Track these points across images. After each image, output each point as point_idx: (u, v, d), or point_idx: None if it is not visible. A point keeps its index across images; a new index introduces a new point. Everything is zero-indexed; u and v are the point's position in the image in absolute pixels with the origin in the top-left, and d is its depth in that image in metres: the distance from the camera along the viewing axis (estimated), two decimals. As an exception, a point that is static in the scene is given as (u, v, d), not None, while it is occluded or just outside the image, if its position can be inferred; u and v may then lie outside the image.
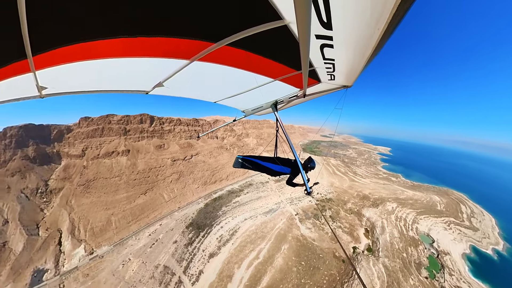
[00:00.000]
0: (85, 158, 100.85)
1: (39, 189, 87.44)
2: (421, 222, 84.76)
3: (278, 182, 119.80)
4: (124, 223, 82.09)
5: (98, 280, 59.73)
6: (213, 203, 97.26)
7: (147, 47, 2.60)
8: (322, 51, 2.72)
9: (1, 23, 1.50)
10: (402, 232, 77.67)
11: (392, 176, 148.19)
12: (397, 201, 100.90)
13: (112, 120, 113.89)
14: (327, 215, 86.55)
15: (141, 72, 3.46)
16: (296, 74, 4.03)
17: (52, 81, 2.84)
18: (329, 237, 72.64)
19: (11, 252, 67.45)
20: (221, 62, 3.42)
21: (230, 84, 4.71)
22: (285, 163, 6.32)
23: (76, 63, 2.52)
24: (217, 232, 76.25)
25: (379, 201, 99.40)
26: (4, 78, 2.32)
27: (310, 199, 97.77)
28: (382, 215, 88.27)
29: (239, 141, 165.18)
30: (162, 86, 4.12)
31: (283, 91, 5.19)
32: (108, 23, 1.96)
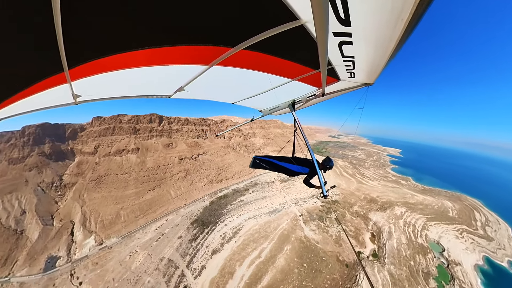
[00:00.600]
0: (97, 155, 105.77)
1: (54, 183, 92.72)
2: (431, 229, 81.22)
3: (284, 182, 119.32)
4: (132, 217, 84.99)
5: (106, 269, 62.67)
6: (218, 201, 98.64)
7: (169, 56, 2.78)
8: (340, 49, 2.67)
9: (42, 44, 1.78)
10: (410, 238, 74.81)
11: (401, 179, 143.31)
12: (406, 205, 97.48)
13: (122, 119, 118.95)
14: (332, 217, 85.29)
15: (164, 78, 3.71)
16: (314, 73, 3.98)
17: (85, 90, 3.21)
18: (333, 240, 71.49)
19: (27, 239, 71.91)
20: (239, 65, 3.49)
21: (248, 86, 4.81)
22: (303, 163, 6.20)
23: (106, 73, 2.84)
24: (221, 229, 77.25)
25: (387, 205, 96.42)
26: (45, 89, 2.70)
27: (315, 201, 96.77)
28: (390, 219, 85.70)
29: (245, 141, 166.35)
30: (183, 90, 4.39)
31: (301, 90, 5.15)
32: (134, 37, 2.20)
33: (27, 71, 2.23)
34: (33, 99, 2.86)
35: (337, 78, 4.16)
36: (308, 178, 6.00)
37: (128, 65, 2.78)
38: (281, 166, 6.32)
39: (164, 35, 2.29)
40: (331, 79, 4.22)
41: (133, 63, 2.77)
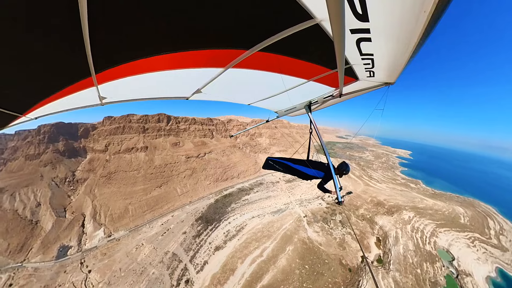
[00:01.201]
0: (107, 153, 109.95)
1: (67, 178, 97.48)
2: (441, 235, 77.95)
3: (289, 182, 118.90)
4: (139, 212, 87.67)
5: (113, 259, 65.42)
6: (223, 199, 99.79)
7: (187, 60, 2.90)
8: (358, 46, 2.56)
9: (73, 53, 2.02)
10: (418, 245, 72.02)
11: (411, 182, 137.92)
12: (415, 210, 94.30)
13: (132, 119, 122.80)
14: (336, 220, 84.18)
15: (183, 81, 3.84)
16: (331, 73, 3.85)
17: (110, 92, 3.49)
18: (336, 243, 70.38)
19: (41, 229, 76.07)
20: (254, 67, 3.51)
21: (263, 87, 4.83)
22: (317, 166, 5.98)
23: (129, 77, 3.06)
24: (225, 227, 78.20)
25: (395, 208, 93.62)
26: (75, 92, 2.99)
27: (320, 202, 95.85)
28: (397, 224, 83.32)
29: (252, 141, 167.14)
30: (200, 92, 4.53)
31: (318, 91, 5.03)
32: (153, 44, 2.35)
33: (60, 76, 2.54)
34: (64, 100, 3.19)
35: (355, 78, 3.98)
36: (322, 183, 5.78)
37: (148, 69, 2.98)
38: (295, 168, 6.10)
39: (182, 40, 2.41)
40: (349, 79, 4.06)
41: (153, 68, 2.96)
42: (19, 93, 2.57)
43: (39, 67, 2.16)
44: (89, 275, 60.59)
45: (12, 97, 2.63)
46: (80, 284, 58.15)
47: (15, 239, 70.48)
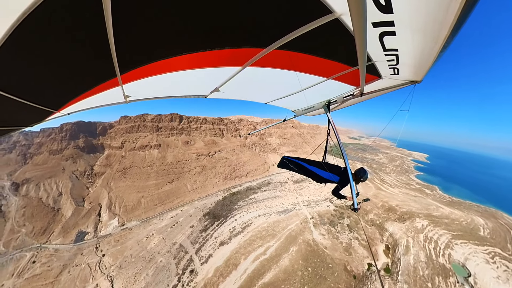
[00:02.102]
0: (123, 150, 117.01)
1: (86, 172, 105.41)
2: (456, 248, 72.27)
3: (297, 183, 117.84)
4: (151, 205, 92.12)
5: (125, 246, 69.99)
6: (231, 197, 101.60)
7: (206, 60, 2.97)
8: (381, 41, 2.41)
9: (100, 57, 2.22)
10: (430, 256, 66.92)
11: (426, 187, 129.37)
12: (429, 218, 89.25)
13: (146, 118, 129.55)
14: (344, 224, 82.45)
15: (201, 80, 3.94)
16: (352, 71, 3.64)
17: (134, 91, 3.72)
18: (342, 248, 68.54)
19: (62, 216, 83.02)
20: (271, 65, 3.46)
21: (281, 86, 4.74)
22: (333, 170, 5.74)
23: (151, 77, 3.23)
24: (231, 223, 79.67)
25: (407, 215, 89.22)
26: (102, 91, 3.26)
27: (328, 204, 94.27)
28: (409, 232, 79.59)
29: (261, 140, 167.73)
30: (218, 91, 4.58)
31: (337, 90, 4.82)
32: (173, 46, 2.47)
33: (89, 78, 2.80)
34: (93, 98, 3.48)
35: (378, 76, 3.76)
36: (338, 188, 5.44)
37: (169, 69, 3.11)
38: (310, 170, 5.89)
39: (200, 41, 2.49)
40: (371, 77, 3.85)
41: (173, 68, 3.10)
42: (55, 92, 2.91)
43: (72, 70, 2.47)
44: (103, 258, 65.69)
45: (49, 96, 2.95)
46: (94, 265, 63.19)
47: (39, 223, 77.88)
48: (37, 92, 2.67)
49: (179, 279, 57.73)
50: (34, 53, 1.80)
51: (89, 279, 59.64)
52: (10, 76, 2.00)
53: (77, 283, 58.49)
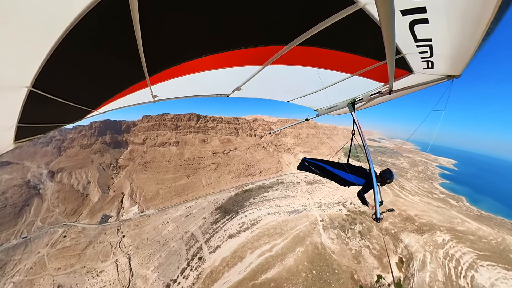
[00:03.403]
0: (145, 146, 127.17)
1: (112, 164, 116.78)
2: (482, 270, 62.57)
3: (310, 184, 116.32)
4: (168, 196, 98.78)
5: (143, 230, 76.94)
6: (243, 194, 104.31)
7: (227, 60, 3.04)
8: (412, 31, 2.19)
9: (131, 62, 2.51)
10: (449, 276, 59.82)
11: (452, 198, 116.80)
12: (452, 232, 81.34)
13: (166, 117, 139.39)
14: (356, 230, 79.87)
15: (223, 79, 4.02)
16: (379, 66, 3.37)
17: (161, 91, 3.91)
18: (351, 255, 65.97)
19: (90, 201, 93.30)
20: (293, 63, 3.39)
21: (303, 83, 4.61)
22: (357, 172, 5.51)
23: (176, 78, 3.42)
24: (241, 219, 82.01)
25: (427, 227, 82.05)
26: (133, 92, 3.55)
27: (340, 208, 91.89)
28: (427, 246, 73.59)
29: (276, 140, 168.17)
30: (240, 90, 4.66)
31: (363, 87, 4.50)
32: (196, 49, 2.64)
33: (121, 80, 3.06)
34: (125, 98, 3.76)
35: (409, 70, 3.41)
36: (362, 192, 5.23)
37: (193, 70, 3.26)
38: (332, 172, 5.64)
39: (221, 42, 2.56)
40: (401, 72, 3.51)
41: (196, 69, 3.23)
42: (93, 94, 3.23)
43: (107, 75, 2.77)
44: (123, 239, 73.25)
45: (88, 98, 3.27)
46: (115, 244, 71.01)
47: (70, 205, 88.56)
48: (78, 95, 3.01)
49: (188, 263, 62.17)
50: (76, 62, 2.14)
51: (110, 254, 67.22)
52: (57, 82, 2.35)
53: (100, 257, 66.33)
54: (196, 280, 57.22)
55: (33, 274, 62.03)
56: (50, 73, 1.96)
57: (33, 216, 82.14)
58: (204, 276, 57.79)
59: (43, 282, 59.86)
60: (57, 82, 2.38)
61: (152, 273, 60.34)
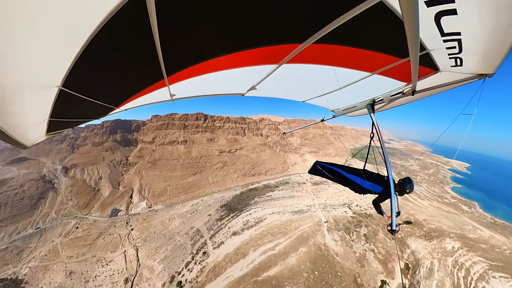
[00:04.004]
0: (154, 144, 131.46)
1: (122, 161, 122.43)
2: (494, 282, 58.51)
3: (316, 185, 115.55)
4: (175, 193, 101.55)
5: (150, 224, 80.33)
6: (248, 192, 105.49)
7: (242, 59, 3.12)
8: (438, 24, 1.96)
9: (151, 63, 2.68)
10: (458, 286, 57.06)
11: (464, 203, 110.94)
12: (463, 240, 77.63)
13: (174, 117, 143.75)
14: (361, 233, 78.78)
15: (239, 79, 4.07)
16: (402, 64, 3.14)
17: (178, 91, 4.09)
18: (355, 258, 64.83)
19: (101, 195, 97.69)
20: (309, 61, 3.32)
21: (319, 83, 4.47)
22: (375, 179, 5.14)
23: (193, 78, 3.59)
24: (245, 217, 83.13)
25: (436, 233, 78.67)
26: (152, 91, 3.75)
27: (345, 210, 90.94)
28: (435, 253, 70.06)
29: (282, 140, 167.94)
30: (255, 89, 4.65)
31: (384, 87, 4.25)
32: (212, 49, 2.76)
33: (142, 80, 3.27)
34: (145, 97, 3.95)
35: (435, 68, 3.17)
36: (379, 200, 4.86)
37: (209, 70, 3.34)
38: (347, 178, 5.31)
39: (236, 42, 2.64)
40: (425, 70, 3.26)
41: (212, 68, 3.30)
42: (115, 93, 3.44)
43: (129, 76, 2.99)
44: (131, 232, 76.76)
45: (111, 96, 3.47)
46: (124, 236, 74.74)
47: (82, 199, 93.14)
48: (102, 93, 3.21)
49: (193, 257, 64.48)
50: (100, 64, 2.33)
51: (119, 245, 70.85)
52: (84, 82, 2.54)
53: (109, 247, 70.01)
54: (200, 273, 58.99)
55: (47, 260, 66.40)
56: (77, 74, 2.18)
57: (48, 208, 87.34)
58: (208, 270, 59.47)
59: (56, 268, 63.90)
60: (84, 82, 2.60)
61: (158, 265, 62.89)
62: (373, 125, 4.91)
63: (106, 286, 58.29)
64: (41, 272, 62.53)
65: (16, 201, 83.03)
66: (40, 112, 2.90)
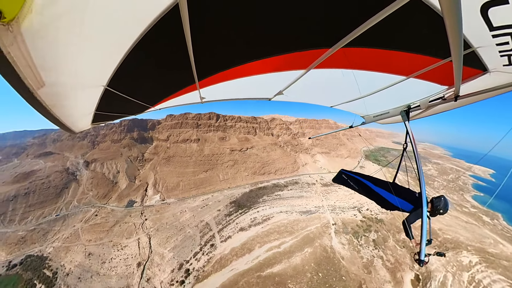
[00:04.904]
0: (168, 142, 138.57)
1: (138, 157, 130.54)
2: None
3: (325, 186, 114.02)
4: (187, 188, 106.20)
5: (163, 216, 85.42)
6: (257, 190, 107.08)
7: (270, 65, 3.24)
8: (485, 16, 1.71)
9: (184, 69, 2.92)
10: None
11: (485, 214, 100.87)
12: (482, 254, 70.69)
13: (188, 116, 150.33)
14: (370, 238, 76.62)
15: (266, 84, 4.24)
16: (443, 65, 2.72)
17: (208, 94, 4.35)
18: (362, 263, 62.84)
19: (118, 187, 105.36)
20: (338, 66, 3.22)
21: (348, 87, 4.29)
22: (404, 194, 4.65)
23: (222, 83, 3.85)
24: (253, 214, 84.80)
25: (452, 244, 73.72)
26: (184, 93, 4.09)
27: (355, 213, 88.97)
28: (449, 266, 64.62)
29: (293, 140, 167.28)
30: (282, 94, 4.72)
31: (421, 91, 3.87)
32: (241, 56, 2.92)
33: (176, 84, 3.63)
34: (177, 98, 4.31)
35: (483, 69, 2.71)
36: (410, 220, 4.31)
37: (237, 76, 3.59)
38: (374, 191, 4.93)
39: (264, 49, 2.75)
40: (471, 71, 2.81)
41: (241, 74, 3.55)
42: (152, 94, 3.82)
43: (164, 79, 3.37)
44: (145, 221, 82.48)
45: (148, 96, 3.85)
46: (139, 225, 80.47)
47: (101, 190, 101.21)
48: (140, 93, 3.50)
49: (201, 248, 67.82)
50: (140, 68, 2.63)
51: (133, 233, 76.39)
52: (125, 83, 2.83)
53: (125, 234, 75.80)
54: (207, 263, 61.86)
55: (69, 242, 73.75)
56: (120, 76, 2.47)
57: (71, 197, 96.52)
58: (214, 261, 62.02)
59: (76, 249, 70.90)
60: (125, 83, 2.87)
61: (168, 252, 67.02)
62: (407, 134, 4.37)
63: (121, 267, 63.40)
64: (63, 252, 69.74)
65: (43, 189, 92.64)
66: (88, 106, 3.26)
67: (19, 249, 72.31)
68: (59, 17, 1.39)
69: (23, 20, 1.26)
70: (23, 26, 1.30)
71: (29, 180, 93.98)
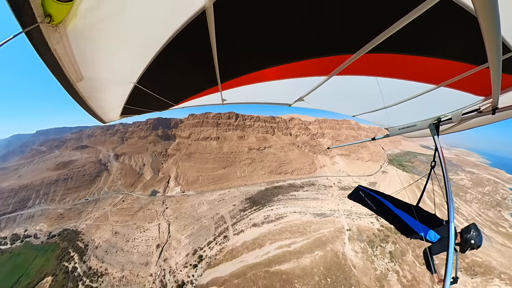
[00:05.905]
0: (190, 139, 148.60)
1: (162, 153, 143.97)
2: None
3: (343, 190, 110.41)
4: (206, 182, 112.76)
5: (182, 206, 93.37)
6: (273, 189, 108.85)
7: (291, 71, 3.21)
8: None
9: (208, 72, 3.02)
10: None
11: None
12: None
13: (208, 116, 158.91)
14: (387, 249, 71.64)
15: (287, 89, 4.26)
16: (478, 72, 2.38)
17: (229, 96, 4.57)
18: (375, 276, 58.53)
19: (144, 178, 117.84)
20: (362, 73, 3.02)
21: (373, 96, 3.93)
22: (428, 220, 4.02)
23: (244, 86, 3.94)
24: (267, 212, 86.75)
25: (482, 269, 63.13)
26: (207, 95, 4.26)
27: (372, 221, 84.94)
28: None
29: (312, 140, 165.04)
30: (303, 101, 4.76)
31: (453, 102, 3.38)
32: (262, 62, 2.96)
33: (199, 85, 3.79)
34: (200, 99, 4.56)
35: None
36: (434, 251, 3.56)
37: (258, 80, 3.66)
38: (394, 213, 4.43)
39: (286, 55, 2.73)
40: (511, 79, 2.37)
41: (262, 79, 3.61)
42: (177, 93, 4.11)
43: (190, 80, 3.59)
44: (166, 210, 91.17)
45: (174, 95, 4.15)
46: (160, 212, 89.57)
47: (128, 180, 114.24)
48: (166, 92, 3.82)
49: (215, 238, 72.80)
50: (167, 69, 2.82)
51: (155, 219, 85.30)
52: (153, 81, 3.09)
53: (147, 219, 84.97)
54: (219, 252, 66.04)
55: (99, 221, 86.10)
56: (149, 75, 2.69)
57: (102, 184, 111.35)
58: (226, 251, 65.77)
59: (105, 228, 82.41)
60: (153, 82, 3.07)
61: (184, 239, 73.47)
62: (436, 150, 3.83)
63: (142, 247, 71.68)
64: (94, 229, 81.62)
65: (79, 176, 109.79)
66: (118, 99, 3.54)
67: (58, 223, 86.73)
68: (100, 21, 1.55)
69: (69, 23, 1.42)
70: (69, 28, 1.47)
71: (68, 168, 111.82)
